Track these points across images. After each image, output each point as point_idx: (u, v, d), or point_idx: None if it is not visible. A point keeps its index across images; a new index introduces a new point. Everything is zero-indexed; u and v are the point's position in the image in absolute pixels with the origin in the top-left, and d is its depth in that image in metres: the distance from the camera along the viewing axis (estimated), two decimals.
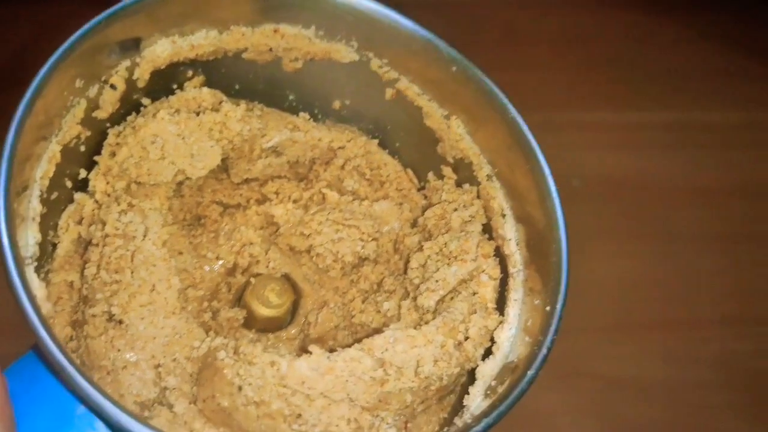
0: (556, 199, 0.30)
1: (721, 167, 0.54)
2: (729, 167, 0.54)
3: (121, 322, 0.28)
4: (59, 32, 0.24)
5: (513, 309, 0.31)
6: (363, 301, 0.35)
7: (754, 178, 0.54)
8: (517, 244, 0.32)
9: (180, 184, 0.32)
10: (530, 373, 0.26)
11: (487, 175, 0.33)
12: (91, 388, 0.21)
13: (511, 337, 0.30)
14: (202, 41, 0.31)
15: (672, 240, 0.51)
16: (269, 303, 0.34)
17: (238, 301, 0.35)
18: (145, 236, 0.29)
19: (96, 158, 0.30)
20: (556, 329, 0.27)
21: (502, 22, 0.58)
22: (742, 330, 0.48)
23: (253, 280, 0.35)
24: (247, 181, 0.36)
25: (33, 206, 0.26)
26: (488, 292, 0.32)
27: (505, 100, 0.32)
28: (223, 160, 0.34)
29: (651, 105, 0.55)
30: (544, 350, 0.27)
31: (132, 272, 0.29)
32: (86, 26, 0.25)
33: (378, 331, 0.33)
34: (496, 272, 0.32)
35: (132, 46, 0.29)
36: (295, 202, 0.36)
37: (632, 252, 0.50)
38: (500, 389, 0.27)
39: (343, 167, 0.36)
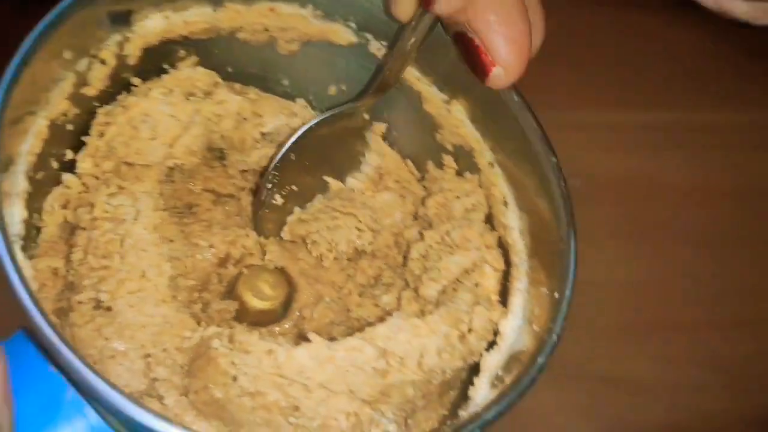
0: (561, 184, 0.29)
1: (722, 168, 0.53)
2: (729, 168, 0.53)
3: (109, 309, 0.27)
4: None
5: (517, 299, 0.30)
6: (360, 295, 0.34)
7: (755, 179, 0.53)
8: (521, 233, 0.31)
9: (171, 169, 0.31)
10: (540, 360, 0.25)
11: (489, 162, 0.33)
12: (83, 366, 0.20)
13: (516, 328, 0.29)
14: (195, 18, 0.30)
15: (672, 241, 0.50)
16: (262, 295, 0.33)
17: (230, 293, 0.34)
18: (135, 220, 0.28)
19: (84, 138, 0.29)
20: (566, 315, 0.26)
21: None
22: (741, 331, 0.48)
23: (245, 270, 0.34)
24: (241, 171, 0.34)
25: (19, 182, 0.25)
26: (491, 284, 0.31)
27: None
28: (217, 149, 0.33)
29: (651, 105, 0.55)
30: (554, 337, 0.26)
31: (121, 257, 0.28)
32: None
33: (380, 320, 0.32)
34: (500, 263, 0.31)
35: (123, 19, 0.28)
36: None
37: (632, 253, 0.49)
38: (508, 378, 0.26)
39: None
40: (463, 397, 0.30)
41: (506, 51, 0.26)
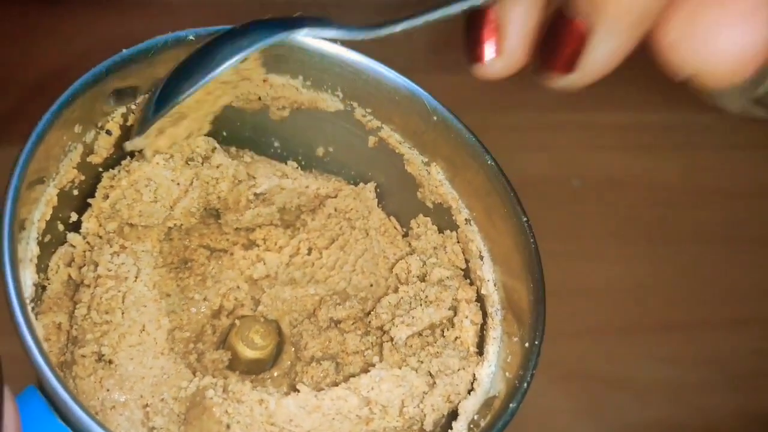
0: (532, 240, 0.32)
1: (721, 167, 0.53)
2: (729, 167, 0.53)
3: (110, 362, 0.29)
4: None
5: (492, 347, 0.32)
6: (349, 354, 0.36)
7: (755, 179, 0.53)
8: (495, 285, 0.34)
9: (170, 228, 0.33)
10: (512, 406, 0.27)
11: (466, 219, 0.35)
12: (92, 422, 0.22)
13: (491, 374, 0.31)
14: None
15: (672, 240, 0.50)
16: (254, 344, 0.35)
17: (222, 344, 0.36)
18: (136, 277, 0.30)
19: (90, 200, 0.31)
20: (536, 364, 0.29)
21: None
22: (741, 331, 0.47)
23: (237, 321, 0.35)
24: (236, 229, 0.37)
25: (30, 248, 0.27)
26: (470, 336, 0.33)
27: (483, 148, 0.33)
28: (213, 209, 0.35)
29: (651, 105, 0.54)
30: (525, 384, 0.28)
31: (123, 313, 0.30)
32: (89, 73, 0.26)
33: (364, 371, 0.34)
34: (478, 317, 0.33)
35: (129, 94, 0.30)
36: (281, 248, 0.37)
37: (632, 253, 0.49)
38: (483, 422, 0.28)
39: (329, 216, 0.37)
40: None
41: None
